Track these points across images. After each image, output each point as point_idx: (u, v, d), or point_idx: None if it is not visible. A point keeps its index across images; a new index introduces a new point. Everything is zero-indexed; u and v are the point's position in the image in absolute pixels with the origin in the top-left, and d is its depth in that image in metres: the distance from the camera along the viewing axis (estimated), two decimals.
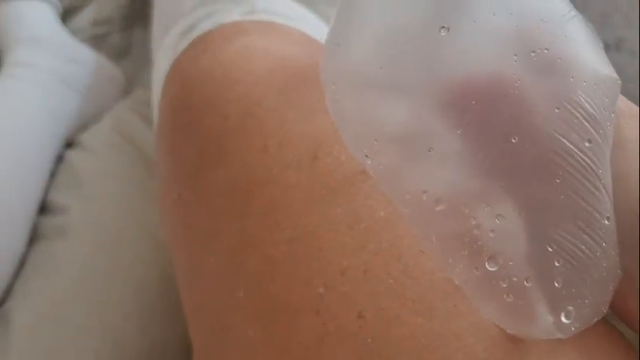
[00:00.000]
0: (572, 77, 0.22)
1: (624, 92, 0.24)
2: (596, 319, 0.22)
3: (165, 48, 0.48)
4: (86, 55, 0.85)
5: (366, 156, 0.24)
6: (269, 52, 0.37)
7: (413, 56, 0.23)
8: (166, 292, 0.60)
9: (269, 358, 0.26)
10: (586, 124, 0.22)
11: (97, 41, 0.93)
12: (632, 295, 0.23)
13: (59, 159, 0.74)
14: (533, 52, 0.22)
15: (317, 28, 0.45)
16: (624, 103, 0.24)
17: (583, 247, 0.21)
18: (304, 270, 0.26)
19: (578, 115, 0.22)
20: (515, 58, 0.22)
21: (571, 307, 0.22)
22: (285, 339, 0.25)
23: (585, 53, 0.22)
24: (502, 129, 0.22)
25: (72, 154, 0.74)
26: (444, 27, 0.22)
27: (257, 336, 0.26)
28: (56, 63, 0.80)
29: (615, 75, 0.23)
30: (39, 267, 0.62)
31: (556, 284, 0.21)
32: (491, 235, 0.22)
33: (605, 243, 0.22)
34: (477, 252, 0.22)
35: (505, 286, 0.22)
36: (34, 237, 0.66)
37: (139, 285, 0.59)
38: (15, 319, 0.57)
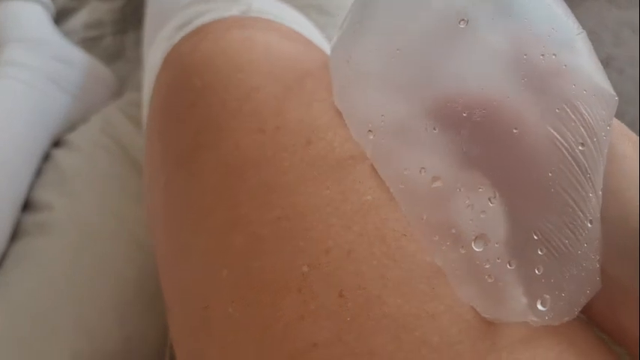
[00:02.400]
0: (575, 84, 0.23)
1: None
2: (567, 319, 0.23)
3: (158, 41, 0.49)
4: (78, 56, 0.85)
5: (370, 131, 0.25)
6: (269, 44, 0.38)
7: (419, 56, 0.25)
8: (144, 288, 0.59)
9: (249, 335, 0.25)
10: (582, 128, 0.23)
11: (89, 44, 0.93)
12: (624, 309, 0.24)
13: (46, 157, 0.74)
14: (542, 55, 0.23)
15: (310, 32, 0.46)
16: (616, 122, 0.26)
17: (566, 241, 0.22)
18: (289, 248, 0.26)
19: (575, 119, 0.23)
20: (525, 57, 0.23)
21: (548, 296, 0.22)
22: (266, 316, 0.25)
23: (588, 66, 0.24)
24: (506, 120, 0.23)
25: (59, 153, 0.73)
26: (463, 19, 0.24)
27: (237, 313, 0.26)
28: (47, 63, 0.80)
29: (613, 92, 0.24)
30: (19, 262, 0.60)
31: (536, 271, 0.22)
32: (481, 215, 0.23)
33: (586, 244, 0.23)
34: (465, 231, 0.23)
35: (488, 267, 0.22)
36: (16, 233, 0.65)
37: (118, 281, 0.59)
38: None
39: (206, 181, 0.31)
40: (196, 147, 0.33)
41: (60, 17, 0.95)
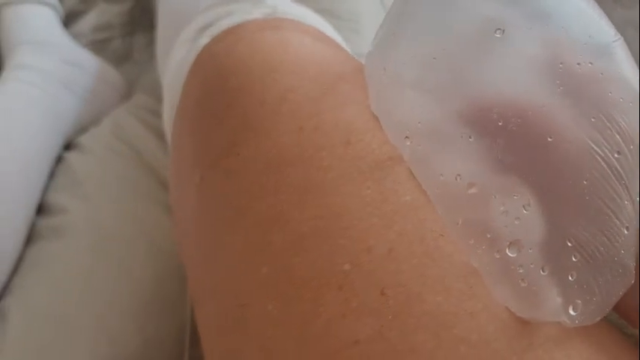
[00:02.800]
0: (611, 92, 0.24)
1: None
2: (598, 318, 0.23)
3: (180, 43, 0.49)
4: (87, 59, 0.86)
5: (407, 137, 0.26)
6: (302, 45, 0.38)
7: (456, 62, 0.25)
8: (162, 290, 0.60)
9: (288, 332, 0.26)
10: (617, 136, 0.23)
11: (98, 46, 0.95)
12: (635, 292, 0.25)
13: (58, 160, 0.75)
14: (579, 63, 0.24)
15: (333, 34, 0.46)
16: None
17: (601, 248, 0.23)
18: (330, 246, 0.26)
19: (611, 127, 0.23)
20: (561, 66, 0.24)
21: (579, 301, 0.23)
22: (307, 313, 0.26)
23: (626, 73, 0.24)
24: (541, 128, 0.23)
25: (71, 156, 0.74)
26: (499, 28, 0.24)
27: (277, 310, 0.27)
28: (57, 66, 0.81)
29: None
30: (36, 265, 0.62)
31: (570, 277, 0.23)
32: (516, 222, 0.23)
33: (623, 250, 0.23)
34: (500, 237, 0.23)
35: (522, 271, 0.23)
36: (31, 237, 0.66)
37: (135, 284, 0.60)
38: (11, 317, 0.57)
39: (243, 179, 0.32)
40: (233, 146, 0.33)
41: (68, 20, 0.96)
